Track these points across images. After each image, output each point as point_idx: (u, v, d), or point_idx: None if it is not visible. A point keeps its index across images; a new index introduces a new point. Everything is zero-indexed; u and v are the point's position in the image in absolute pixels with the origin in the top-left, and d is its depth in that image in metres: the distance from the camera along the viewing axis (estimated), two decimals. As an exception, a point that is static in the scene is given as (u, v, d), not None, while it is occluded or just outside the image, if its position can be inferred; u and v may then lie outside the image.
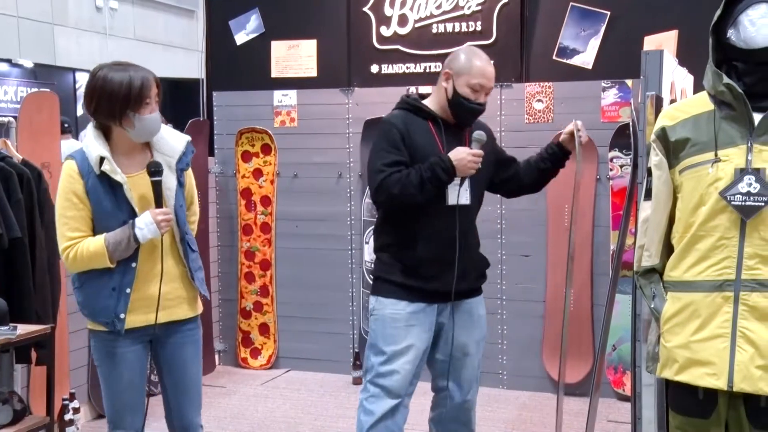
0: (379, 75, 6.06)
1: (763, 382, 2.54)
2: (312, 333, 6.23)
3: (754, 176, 2.55)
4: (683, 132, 2.70)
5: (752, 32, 2.55)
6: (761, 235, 2.55)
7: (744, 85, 2.59)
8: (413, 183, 3.34)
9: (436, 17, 5.91)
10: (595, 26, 5.59)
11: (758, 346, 2.54)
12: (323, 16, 6.21)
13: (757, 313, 2.55)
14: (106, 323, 3.08)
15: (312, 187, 6.17)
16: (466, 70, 3.46)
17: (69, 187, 3.03)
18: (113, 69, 3.01)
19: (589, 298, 5.59)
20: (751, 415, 2.62)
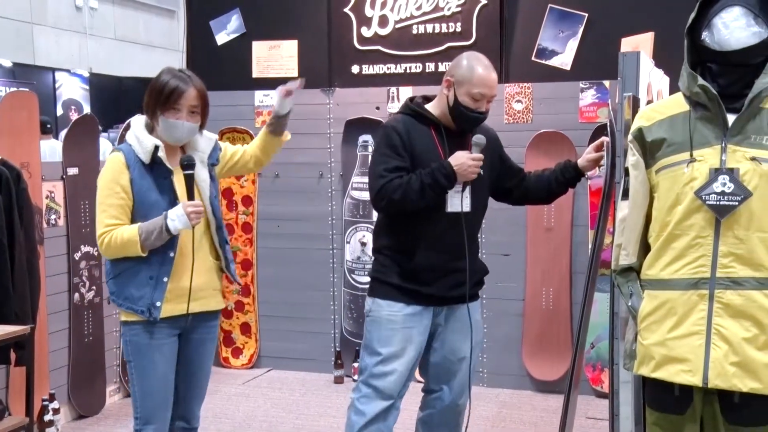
0: (359, 75, 6.06)
1: (737, 378, 2.56)
2: (293, 332, 6.23)
3: (728, 176, 2.57)
4: (659, 132, 2.72)
5: (726, 35, 2.58)
6: (735, 234, 2.57)
7: (718, 86, 2.61)
8: (414, 189, 3.30)
9: (417, 18, 5.92)
10: (573, 28, 5.62)
11: (732, 343, 2.57)
12: (304, 17, 6.21)
13: (731, 311, 2.58)
14: (142, 311, 3.09)
15: (293, 186, 6.17)
16: (468, 80, 3.40)
17: (115, 177, 3.08)
18: (168, 72, 3.14)
19: (567, 297, 5.62)
20: (726, 411, 2.65)
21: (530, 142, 5.57)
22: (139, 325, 3.13)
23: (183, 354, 3.27)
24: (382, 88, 5.95)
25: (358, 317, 6.05)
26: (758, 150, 2.57)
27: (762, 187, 2.55)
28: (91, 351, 5.27)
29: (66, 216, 5.09)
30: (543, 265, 5.65)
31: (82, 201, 5.21)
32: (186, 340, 3.26)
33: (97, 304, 5.32)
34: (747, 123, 2.60)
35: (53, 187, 4.99)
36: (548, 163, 5.49)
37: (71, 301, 5.12)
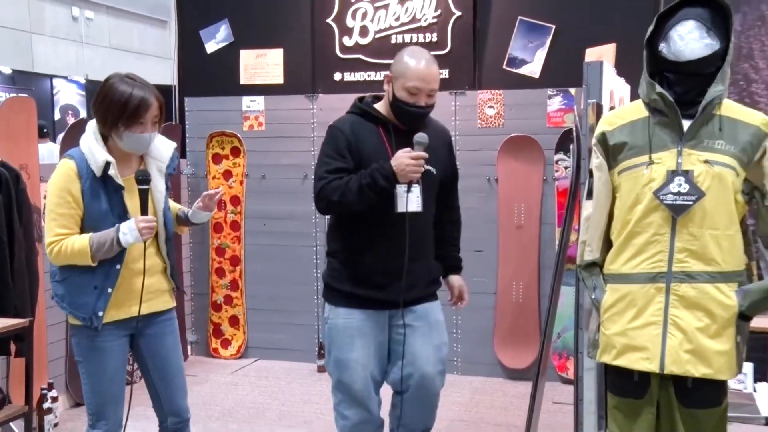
0: (341, 82, 6.06)
1: (690, 365, 2.60)
2: (279, 324, 6.23)
3: (683, 177, 2.60)
4: (621, 137, 2.75)
5: (681, 46, 2.61)
6: (690, 231, 2.60)
7: (674, 94, 2.64)
8: (352, 190, 3.09)
9: (395, 29, 5.93)
10: (541, 39, 5.64)
11: (686, 332, 2.60)
12: (289, 27, 6.20)
13: (685, 302, 2.61)
14: (84, 318, 3.02)
15: (279, 187, 6.17)
16: (402, 73, 3.15)
17: (65, 186, 2.95)
18: (123, 80, 2.95)
19: (536, 290, 5.65)
20: (680, 395, 2.68)
21: (501, 145, 5.60)
22: (85, 329, 3.05)
23: (146, 352, 3.21)
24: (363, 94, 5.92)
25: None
26: (711, 153, 2.61)
27: (714, 188, 2.59)
28: (87, 342, 5.24)
29: (63, 215, 5.07)
30: (513, 260, 5.67)
31: (79, 200, 5.19)
32: (142, 339, 3.18)
33: (92, 298, 5.29)
34: (701, 128, 2.63)
35: (51, 187, 4.97)
36: (518, 164, 5.57)
37: (68, 295, 5.09)
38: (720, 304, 2.61)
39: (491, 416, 4.99)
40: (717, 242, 2.61)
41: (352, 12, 6.01)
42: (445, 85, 5.75)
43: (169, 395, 3.25)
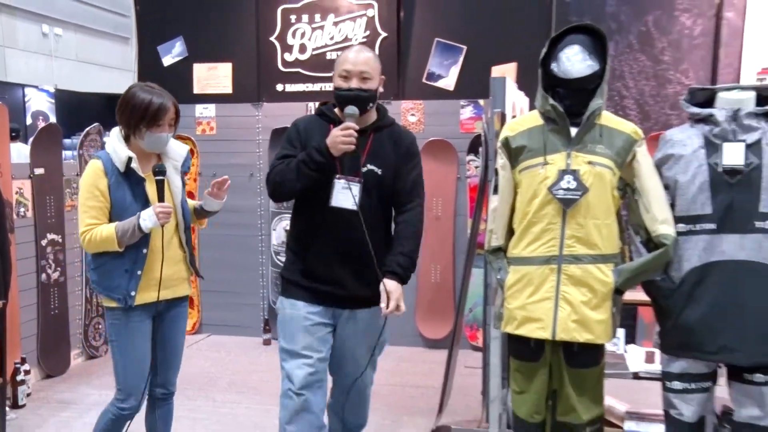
0: (283, 92, 6.05)
1: (576, 332, 2.68)
2: (229, 304, 6.21)
3: (572, 176, 2.68)
4: (521, 141, 2.80)
5: (568, 66, 2.68)
6: (577, 220, 2.68)
7: (564, 105, 2.70)
8: (291, 169, 2.86)
9: (330, 46, 5.94)
10: (455, 57, 5.71)
11: (573, 305, 2.69)
12: (237, 44, 6.16)
13: (573, 280, 2.69)
14: (118, 299, 2.98)
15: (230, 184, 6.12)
16: (335, 65, 2.96)
17: (93, 182, 2.94)
18: (143, 89, 2.96)
19: (451, 272, 5.73)
20: (567, 357, 2.77)
21: (422, 148, 5.61)
22: (118, 311, 3.01)
23: (159, 332, 3.14)
24: (302, 103, 5.95)
25: (283, 291, 6.09)
26: (593, 156, 2.69)
27: (595, 185, 2.67)
28: (56, 322, 5.17)
29: (33, 209, 4.97)
30: (432, 247, 5.73)
31: (47, 196, 5.10)
32: (160, 321, 3.13)
33: (61, 283, 5.21)
34: (585, 134, 2.71)
35: (22, 184, 4.86)
36: (436, 164, 5.63)
37: (39, 280, 5.00)
38: (600, 281, 2.69)
39: (414, 380, 5.06)
40: (598, 230, 2.69)
41: (293, 31, 6.00)
42: (374, 96, 5.82)
43: (164, 371, 3.21)
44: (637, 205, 2.76)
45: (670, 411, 2.83)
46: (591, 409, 2.80)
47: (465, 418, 4.13)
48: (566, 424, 2.81)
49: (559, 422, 2.82)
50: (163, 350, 3.18)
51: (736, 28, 5.30)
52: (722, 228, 2.67)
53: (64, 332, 5.25)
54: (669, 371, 2.82)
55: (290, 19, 6.00)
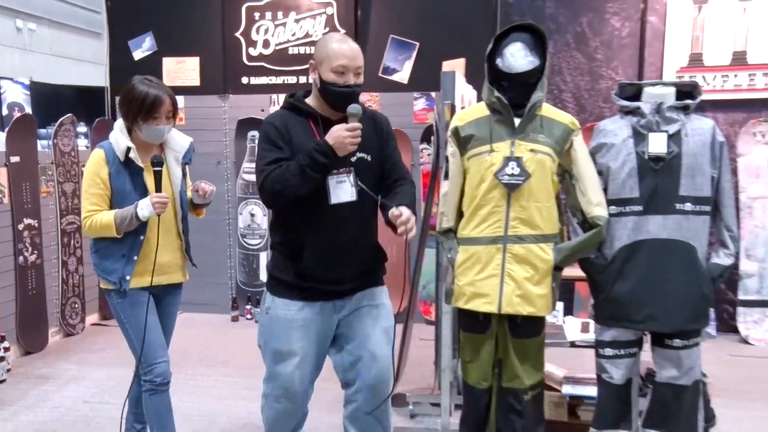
0: (248, 85, 5.99)
1: (520, 306, 2.72)
2: (199, 284, 6.09)
3: (516, 162, 2.69)
4: (469, 130, 2.80)
5: (512, 62, 2.69)
6: (520, 203, 2.70)
7: (508, 98, 2.72)
8: (294, 174, 2.49)
9: (292, 42, 5.90)
10: (409, 53, 5.70)
11: (517, 281, 2.71)
12: (204, 39, 6.08)
13: (517, 259, 2.72)
14: (114, 282, 2.91)
15: (197, 171, 5.92)
16: (326, 56, 2.57)
17: (95, 171, 2.87)
18: (142, 82, 2.86)
19: (406, 251, 5.70)
20: (512, 329, 2.80)
21: (378, 137, 5.67)
22: (116, 292, 2.94)
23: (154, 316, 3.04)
24: (266, 95, 5.91)
25: (249, 271, 6.05)
26: (535, 144, 2.71)
27: (537, 171, 2.69)
28: (34, 301, 5.07)
29: (10, 195, 4.87)
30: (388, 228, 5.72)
31: (23, 183, 4.99)
32: (158, 303, 3.04)
33: (38, 265, 5.12)
34: (527, 125, 2.72)
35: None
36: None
37: (16, 263, 4.91)
38: (541, 259, 2.72)
39: (372, 352, 5.07)
40: (540, 212, 2.71)
41: (257, 28, 5.94)
42: (333, 89, 5.80)
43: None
44: (574, 189, 2.79)
45: (602, 375, 2.91)
46: (533, 375, 2.84)
47: (419, 386, 4.16)
48: (510, 389, 2.84)
49: (504, 388, 2.86)
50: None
51: (658, 30, 5.41)
52: (648, 210, 2.74)
53: (41, 311, 5.16)
54: (601, 339, 2.89)
55: (254, 16, 5.94)
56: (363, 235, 2.71)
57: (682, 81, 2.87)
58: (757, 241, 5.35)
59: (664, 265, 2.73)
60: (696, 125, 2.77)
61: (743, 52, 5.30)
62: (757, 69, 5.29)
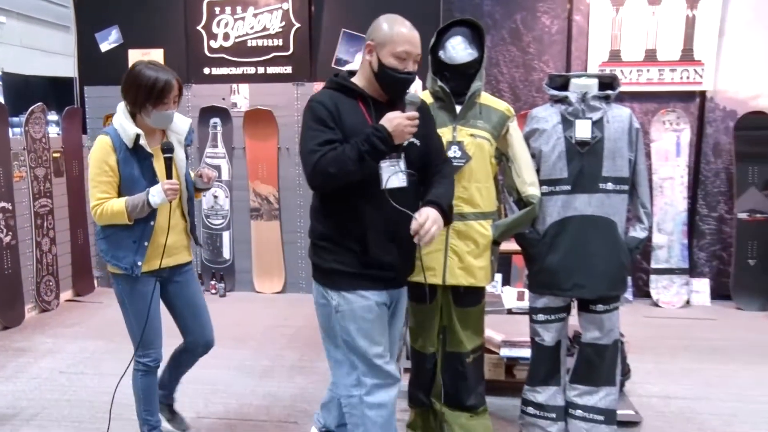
0: (210, 75, 5.86)
1: (462, 278, 2.72)
2: (167, 260, 6.04)
3: (457, 146, 2.68)
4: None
5: (453, 54, 2.67)
6: (462, 184, 2.69)
7: (450, 87, 2.70)
8: (351, 158, 2.18)
9: (251, 35, 5.78)
10: (359, 45, 5.60)
11: (460, 255, 2.71)
12: (168, 32, 5.91)
13: (460, 235, 2.71)
14: (125, 268, 2.69)
15: (163, 156, 5.93)
16: (389, 40, 2.31)
17: (102, 158, 2.61)
18: (148, 67, 2.62)
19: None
20: (455, 299, 2.81)
21: (332, 123, 5.61)
22: (126, 278, 2.73)
23: (176, 297, 2.87)
24: (226, 85, 5.79)
25: (213, 249, 5.95)
26: (474, 129, 2.70)
27: (477, 154, 2.69)
28: (10, 280, 4.91)
29: (-15, 180, 4.70)
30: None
31: (-2, 168, 4.82)
32: (171, 286, 2.85)
33: (13, 246, 4.94)
34: (468, 111, 2.71)
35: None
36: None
37: (-7, 243, 4.75)
38: (481, 234, 2.72)
39: (328, 320, 5.05)
40: (479, 192, 2.71)
41: (217, 22, 5.80)
42: (289, 78, 5.71)
43: (200, 330, 2.94)
44: (510, 170, 2.80)
45: (535, 338, 2.94)
46: (474, 340, 2.86)
47: (371, 350, 4.15)
48: (454, 353, 2.86)
49: (449, 352, 2.87)
50: (189, 311, 2.91)
51: (582, 28, 5.45)
52: (575, 189, 2.76)
53: (18, 289, 5.00)
54: (534, 306, 2.92)
55: (215, 11, 5.79)
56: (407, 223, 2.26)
57: (604, 74, 2.89)
58: (666, 217, 5.48)
59: (588, 238, 2.76)
60: (616, 113, 2.80)
61: (654, 50, 5.39)
62: (665, 65, 5.39)
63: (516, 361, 3.59)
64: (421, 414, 3.00)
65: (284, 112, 5.68)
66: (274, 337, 4.61)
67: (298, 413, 3.46)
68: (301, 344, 4.51)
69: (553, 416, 2.93)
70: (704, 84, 5.38)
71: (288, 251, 5.84)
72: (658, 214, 5.45)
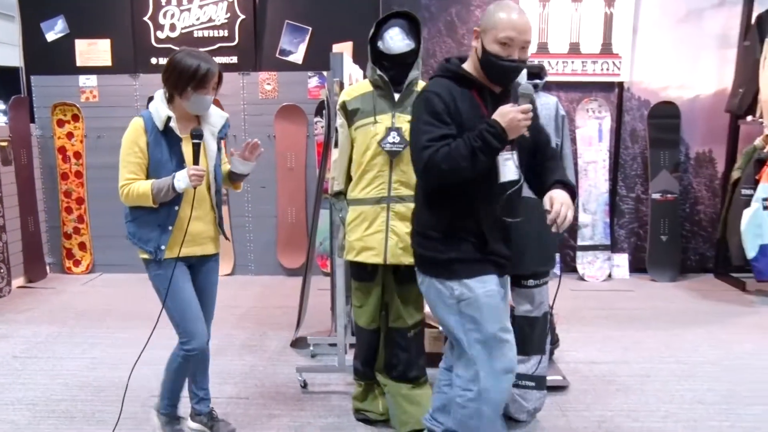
0: (157, 65, 5.65)
1: (403, 257, 2.71)
2: (117, 246, 5.82)
3: (396, 132, 2.67)
4: (356, 104, 2.76)
5: (391, 44, 2.65)
6: (401, 168, 2.68)
7: (389, 75, 2.69)
8: (463, 155, 2.03)
9: (197, 26, 5.60)
10: (302, 36, 5.54)
11: (400, 236, 2.70)
12: (114, 23, 5.66)
13: (399, 216, 2.70)
14: (150, 251, 2.56)
15: (112, 144, 5.69)
16: (492, 25, 2.11)
17: (134, 139, 2.50)
18: (190, 55, 2.50)
19: (304, 213, 5.66)
20: (396, 277, 2.81)
21: (277, 111, 5.50)
22: (154, 263, 2.59)
23: (196, 285, 2.70)
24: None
25: (165, 233, 5.79)
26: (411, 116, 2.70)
27: None
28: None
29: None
30: (287, 192, 5.64)
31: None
32: (196, 273, 2.70)
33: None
34: (405, 99, 2.70)
35: None
36: (289, 125, 5.51)
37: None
38: (420, 216, 2.73)
39: (276, 302, 4.99)
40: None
41: (163, 13, 5.59)
42: (235, 68, 5.57)
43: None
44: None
45: (473, 312, 2.95)
46: (414, 316, 2.86)
47: (318, 330, 4.13)
48: (396, 328, 2.85)
49: (391, 327, 2.87)
50: (200, 301, 2.72)
51: (515, 20, 5.47)
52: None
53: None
54: (472, 283, 2.92)
55: (161, 2, 5.58)
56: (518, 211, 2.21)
57: (532, 64, 2.89)
58: (590, 198, 5.59)
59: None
60: (544, 101, 2.82)
61: (577, 44, 5.47)
62: (588, 57, 5.48)
63: (454, 333, 3.60)
64: (366, 387, 3.00)
65: (231, 101, 5.54)
66: (224, 318, 4.52)
67: (249, 389, 3.40)
68: (251, 324, 4.44)
69: (489, 384, 2.95)
70: (622, 75, 5.49)
71: (237, 235, 5.73)
72: (583, 195, 5.56)
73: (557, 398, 3.23)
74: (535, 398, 2.94)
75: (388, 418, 2.94)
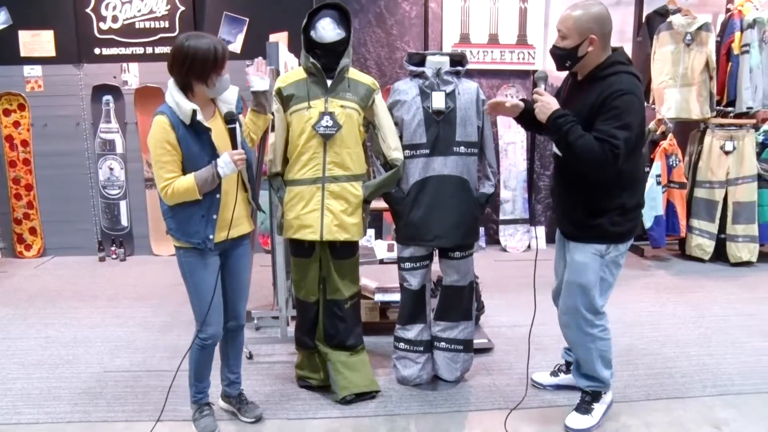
0: (100, 55, 5.31)
1: (338, 233, 2.65)
2: (68, 230, 5.52)
3: (329, 116, 2.60)
4: (291, 90, 2.67)
5: (323, 33, 2.58)
6: (334, 150, 2.62)
7: (321, 63, 2.61)
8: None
9: (138, 17, 5.28)
10: (240, 27, 5.31)
11: (335, 214, 2.64)
12: (56, 15, 5.28)
13: (334, 195, 2.64)
14: (198, 243, 2.33)
15: (58, 132, 5.36)
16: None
17: (163, 137, 2.23)
18: (197, 38, 2.22)
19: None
20: (332, 252, 2.75)
21: (220, 100, 5.30)
22: (192, 251, 2.36)
23: (228, 268, 2.49)
24: (116, 64, 5.28)
25: (112, 218, 5.50)
26: (344, 101, 2.62)
27: (347, 123, 2.61)
28: None
29: None
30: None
31: None
32: (228, 257, 2.48)
33: None
34: (337, 85, 2.63)
35: None
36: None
37: None
38: (353, 194, 2.67)
39: (224, 277, 4.84)
40: (350, 156, 2.65)
41: (105, 5, 5.25)
42: (178, 59, 5.30)
43: (235, 303, 2.56)
44: (377, 137, 2.74)
45: (404, 283, 2.91)
46: (351, 288, 2.81)
47: (262, 304, 4.03)
48: (333, 300, 2.80)
49: (329, 300, 2.80)
50: (233, 285, 2.53)
51: (437, 14, 5.43)
52: (433, 152, 2.73)
53: None
54: (402, 256, 2.88)
55: (102, -6, 5.25)
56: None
57: (454, 52, 2.84)
58: (510, 176, 5.64)
59: (445, 194, 2.74)
60: (465, 86, 2.78)
61: (496, 35, 5.46)
62: (506, 47, 5.48)
63: (388, 304, 3.57)
64: (307, 356, 2.93)
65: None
66: (172, 295, 4.35)
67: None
68: (199, 300, 4.27)
69: (421, 349, 2.93)
70: (536, 64, 5.52)
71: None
72: (503, 173, 5.60)
73: (483, 359, 3.24)
74: (463, 360, 2.94)
75: (328, 384, 2.88)
